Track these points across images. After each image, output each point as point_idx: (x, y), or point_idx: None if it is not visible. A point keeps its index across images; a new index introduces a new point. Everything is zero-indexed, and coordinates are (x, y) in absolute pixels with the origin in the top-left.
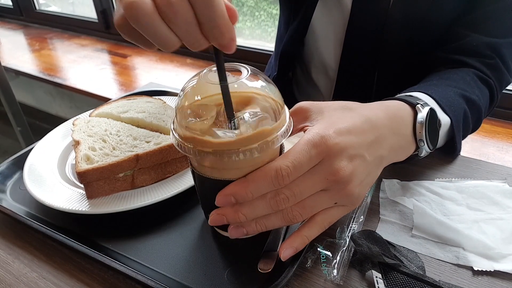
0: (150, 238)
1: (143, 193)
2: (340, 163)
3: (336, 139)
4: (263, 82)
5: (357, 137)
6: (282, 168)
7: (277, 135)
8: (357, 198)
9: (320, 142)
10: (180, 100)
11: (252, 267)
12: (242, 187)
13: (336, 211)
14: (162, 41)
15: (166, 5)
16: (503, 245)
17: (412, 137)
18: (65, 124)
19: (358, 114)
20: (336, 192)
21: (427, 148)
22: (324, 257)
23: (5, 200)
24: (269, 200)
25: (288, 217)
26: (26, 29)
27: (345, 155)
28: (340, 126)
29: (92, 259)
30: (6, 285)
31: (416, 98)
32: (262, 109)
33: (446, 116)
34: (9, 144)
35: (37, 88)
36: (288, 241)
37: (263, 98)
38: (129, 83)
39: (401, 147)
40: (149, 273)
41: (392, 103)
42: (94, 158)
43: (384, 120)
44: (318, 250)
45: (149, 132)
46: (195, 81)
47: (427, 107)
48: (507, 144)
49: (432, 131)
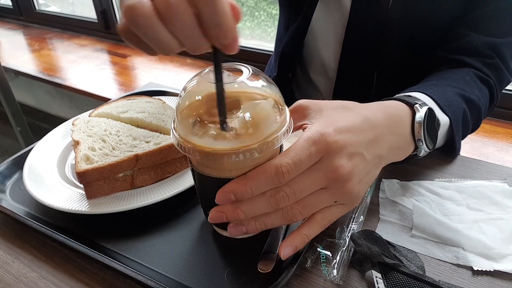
0: (150, 238)
1: (142, 193)
2: (340, 161)
3: (335, 137)
4: (264, 82)
5: (356, 136)
6: (282, 165)
7: (278, 136)
8: (357, 197)
9: (320, 140)
10: (181, 100)
11: (252, 267)
12: (241, 184)
13: (335, 210)
14: (161, 45)
15: (165, 7)
16: (503, 245)
17: (410, 137)
18: (64, 124)
19: (357, 114)
20: (336, 190)
21: (426, 147)
22: (324, 257)
23: (5, 200)
24: (269, 198)
25: (288, 216)
26: (25, 29)
27: (345, 153)
28: (339, 125)
29: (92, 259)
30: (6, 285)
31: (414, 98)
32: (263, 109)
33: (445, 116)
34: (9, 144)
35: (36, 88)
36: (288, 240)
37: (264, 98)
38: (128, 83)
39: (400, 147)
40: (149, 273)
41: (391, 103)
42: (94, 158)
43: (383, 120)
44: (318, 250)
45: (149, 132)
46: (196, 81)
47: (425, 107)
48: (506, 144)
49: (431, 130)
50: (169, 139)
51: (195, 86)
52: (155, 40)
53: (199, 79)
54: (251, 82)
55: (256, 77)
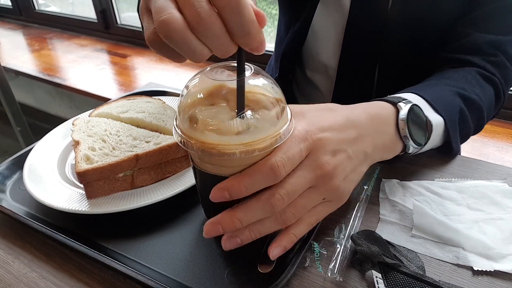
0: (150, 238)
1: (143, 193)
2: (324, 157)
3: (319, 135)
4: (266, 81)
5: (339, 134)
6: (277, 160)
7: (280, 134)
8: (343, 193)
9: (306, 137)
10: (183, 98)
11: (252, 267)
12: (236, 181)
13: (322, 207)
14: (195, 55)
15: (197, 20)
16: (503, 245)
17: (396, 135)
18: (65, 124)
19: (339, 114)
20: (323, 187)
21: (414, 144)
22: (318, 254)
23: (5, 200)
24: (264, 203)
25: (282, 219)
26: (25, 29)
27: (328, 149)
28: (322, 124)
29: (92, 259)
30: (6, 285)
31: (400, 98)
32: (265, 107)
33: (438, 116)
34: (9, 144)
35: (36, 88)
36: (277, 241)
37: (265, 97)
38: (128, 83)
39: (386, 146)
40: (149, 273)
41: (375, 103)
42: (94, 158)
43: (366, 119)
44: (313, 248)
45: (149, 132)
46: (198, 79)
47: (409, 104)
48: (507, 144)
49: (416, 127)
50: (169, 139)
51: (197, 83)
52: (188, 51)
53: (201, 77)
54: (254, 80)
55: (258, 76)
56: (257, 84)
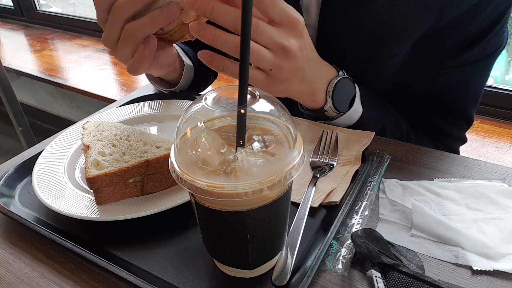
0: (159, 246)
1: (153, 200)
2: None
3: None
4: (273, 107)
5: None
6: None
7: (290, 170)
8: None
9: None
10: (181, 129)
11: (265, 279)
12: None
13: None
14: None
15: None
16: (502, 245)
17: (325, 86)
18: (74, 127)
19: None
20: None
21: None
22: (334, 250)
23: (13, 205)
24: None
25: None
26: (27, 30)
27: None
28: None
29: (101, 267)
30: (7, 285)
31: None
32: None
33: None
34: (10, 144)
35: (38, 88)
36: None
37: (273, 130)
38: (130, 84)
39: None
40: (157, 282)
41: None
42: (104, 163)
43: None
44: (331, 242)
45: (160, 137)
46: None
47: (348, 79)
48: (506, 144)
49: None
50: None
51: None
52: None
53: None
54: (261, 108)
55: (266, 104)
56: (265, 114)
